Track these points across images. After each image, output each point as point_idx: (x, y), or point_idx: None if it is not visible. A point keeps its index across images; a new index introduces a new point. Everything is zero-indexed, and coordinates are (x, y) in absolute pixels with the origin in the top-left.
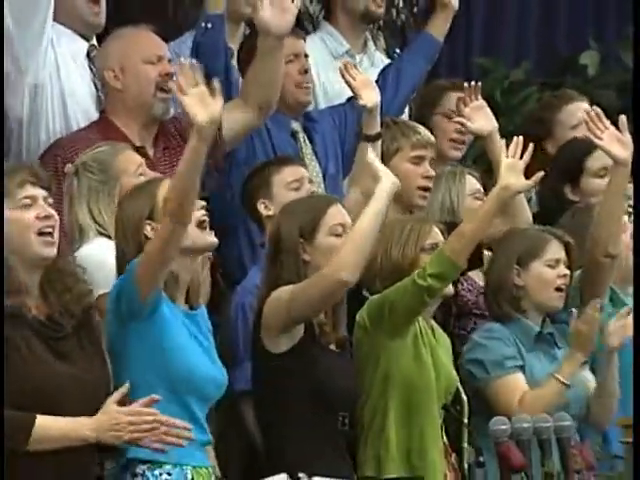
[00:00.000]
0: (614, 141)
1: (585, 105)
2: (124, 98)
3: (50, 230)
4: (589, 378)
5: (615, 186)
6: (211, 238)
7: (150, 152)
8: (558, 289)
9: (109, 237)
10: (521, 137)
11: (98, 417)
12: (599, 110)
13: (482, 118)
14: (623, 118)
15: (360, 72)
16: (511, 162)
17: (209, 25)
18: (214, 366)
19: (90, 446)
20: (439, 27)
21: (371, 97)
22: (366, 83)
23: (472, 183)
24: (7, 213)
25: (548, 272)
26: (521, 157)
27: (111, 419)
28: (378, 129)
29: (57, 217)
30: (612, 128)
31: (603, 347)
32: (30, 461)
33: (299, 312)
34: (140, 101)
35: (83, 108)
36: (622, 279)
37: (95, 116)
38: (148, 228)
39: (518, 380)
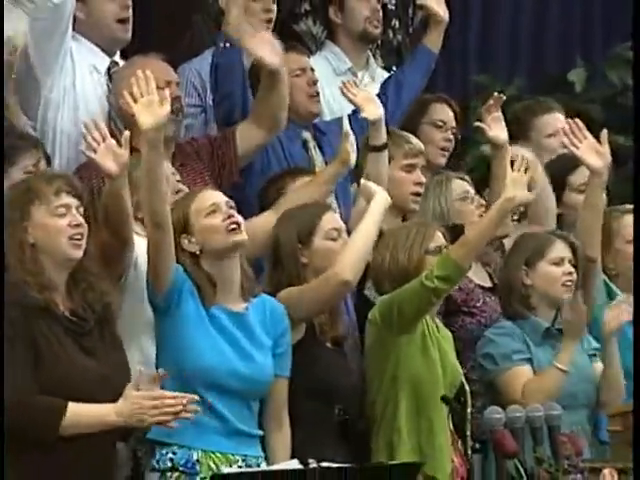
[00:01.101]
0: (591, 151)
1: (561, 117)
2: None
3: (79, 237)
4: (598, 369)
5: (592, 194)
6: (238, 237)
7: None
8: (564, 285)
9: None
10: (529, 155)
11: (121, 403)
12: (579, 122)
13: (499, 128)
14: (604, 132)
15: (361, 89)
16: (516, 176)
17: (227, 45)
18: (244, 362)
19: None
20: (434, 40)
21: (373, 111)
22: (368, 98)
23: (459, 186)
24: (42, 218)
25: (554, 270)
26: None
27: (134, 404)
28: (384, 140)
29: (86, 225)
30: (591, 139)
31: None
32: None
33: (306, 311)
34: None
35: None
36: (628, 288)
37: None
38: (185, 242)
39: (525, 371)
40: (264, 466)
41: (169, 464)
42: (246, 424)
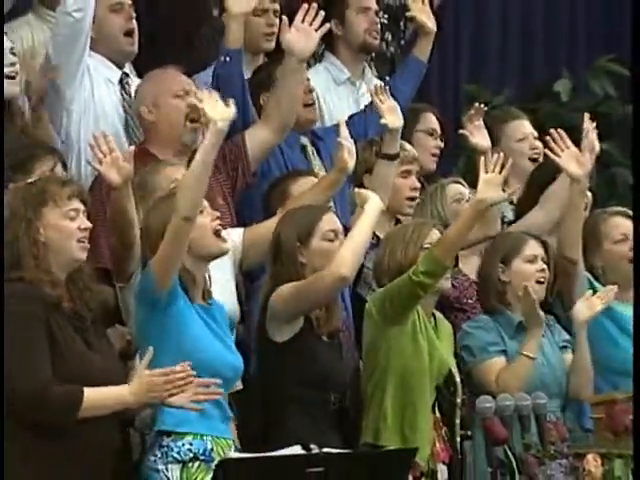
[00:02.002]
0: (572, 160)
1: (527, 123)
2: (158, 129)
3: (85, 240)
4: (568, 360)
5: (572, 200)
6: (225, 245)
7: None
8: (538, 281)
9: None
10: (502, 153)
11: (134, 383)
12: (562, 132)
13: (481, 135)
14: (585, 142)
15: (389, 98)
16: (489, 177)
17: (227, 58)
18: (229, 352)
19: (112, 418)
20: (423, 51)
21: (394, 121)
22: (392, 108)
23: (453, 189)
24: (55, 219)
25: (528, 267)
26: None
27: (147, 382)
28: (397, 150)
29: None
30: (573, 148)
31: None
32: (58, 434)
33: (305, 305)
34: (172, 131)
35: (113, 130)
36: (621, 286)
37: (123, 137)
38: None
39: (500, 363)
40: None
41: (190, 454)
42: (229, 410)
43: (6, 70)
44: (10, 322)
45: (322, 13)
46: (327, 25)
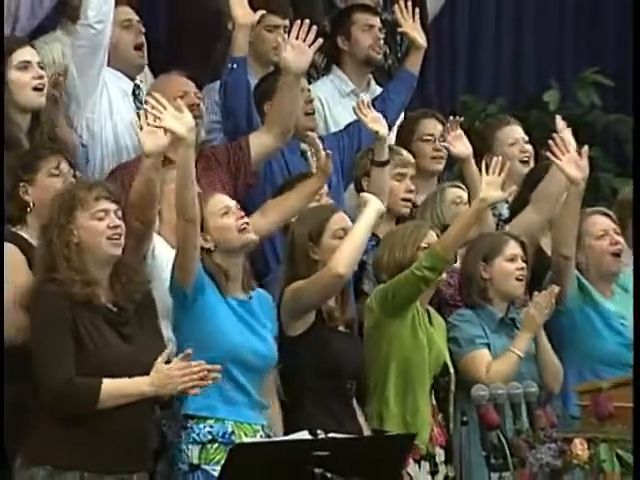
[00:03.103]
0: (571, 163)
1: (519, 129)
2: None
3: (117, 237)
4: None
5: (569, 201)
6: (249, 236)
7: None
8: (518, 279)
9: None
10: (501, 157)
11: (153, 375)
12: (565, 137)
13: (461, 145)
14: (585, 148)
15: (371, 110)
16: (490, 179)
17: (234, 66)
18: (261, 342)
19: (147, 404)
20: (414, 63)
21: (379, 129)
22: (376, 119)
23: (452, 192)
24: (85, 221)
25: (508, 266)
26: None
27: (165, 375)
28: (386, 157)
29: (124, 226)
30: (573, 153)
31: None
32: (97, 420)
33: (309, 301)
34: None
35: (131, 137)
36: (605, 281)
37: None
38: (201, 239)
39: (484, 354)
40: (272, 434)
41: (209, 437)
42: (261, 396)
43: (34, 83)
44: (38, 321)
45: (314, 28)
46: (320, 40)
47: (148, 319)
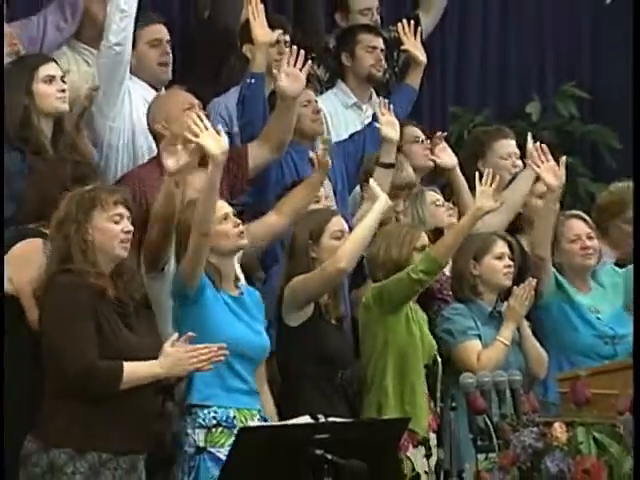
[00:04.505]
0: (550, 171)
1: (513, 142)
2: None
3: (127, 241)
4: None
5: (546, 206)
6: (242, 242)
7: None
8: (505, 275)
9: None
10: (491, 169)
11: (162, 358)
12: (545, 147)
13: (447, 156)
14: (564, 158)
15: (390, 113)
16: (483, 189)
17: (253, 81)
18: (255, 335)
19: (152, 389)
20: (415, 79)
21: (391, 133)
22: (391, 122)
23: (431, 195)
24: (102, 222)
25: (497, 263)
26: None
27: (174, 357)
28: (393, 160)
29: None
30: (552, 162)
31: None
32: (109, 404)
33: (312, 294)
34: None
35: (148, 143)
36: (579, 279)
37: (154, 149)
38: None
39: (475, 344)
40: (268, 419)
41: (214, 421)
42: (255, 384)
43: (58, 94)
44: (60, 309)
45: (302, 52)
46: (309, 63)
47: (145, 314)
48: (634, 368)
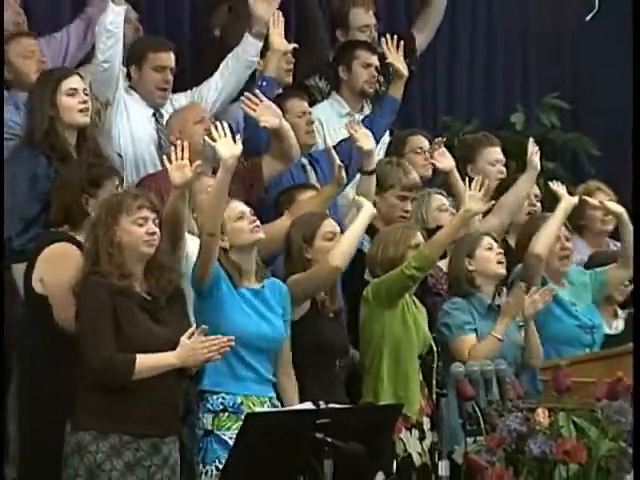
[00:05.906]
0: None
1: (499, 149)
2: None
3: (152, 241)
4: (520, 337)
5: (556, 215)
6: (257, 235)
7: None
8: (498, 262)
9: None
10: (481, 176)
11: (179, 349)
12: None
13: (445, 160)
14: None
15: (360, 127)
16: (472, 193)
17: (264, 83)
18: (268, 326)
19: (174, 377)
20: (397, 90)
21: (367, 144)
22: (364, 134)
23: (437, 199)
24: (127, 225)
25: (488, 254)
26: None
27: (189, 348)
28: (374, 166)
29: (159, 232)
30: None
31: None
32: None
33: (309, 290)
34: (195, 149)
35: (147, 149)
36: (555, 276)
37: (156, 157)
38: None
39: (470, 339)
40: (278, 404)
41: (221, 407)
42: (269, 373)
43: (80, 106)
44: (84, 308)
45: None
46: (279, 114)
47: (178, 306)
48: (634, 359)
